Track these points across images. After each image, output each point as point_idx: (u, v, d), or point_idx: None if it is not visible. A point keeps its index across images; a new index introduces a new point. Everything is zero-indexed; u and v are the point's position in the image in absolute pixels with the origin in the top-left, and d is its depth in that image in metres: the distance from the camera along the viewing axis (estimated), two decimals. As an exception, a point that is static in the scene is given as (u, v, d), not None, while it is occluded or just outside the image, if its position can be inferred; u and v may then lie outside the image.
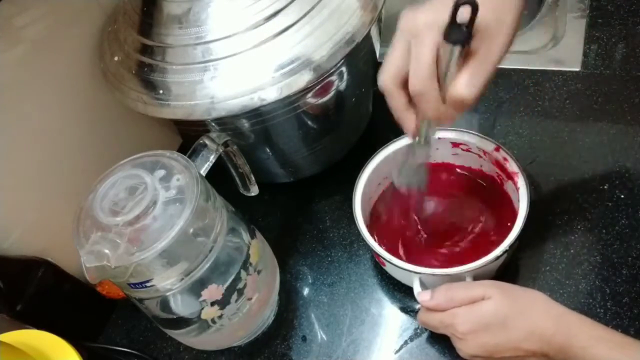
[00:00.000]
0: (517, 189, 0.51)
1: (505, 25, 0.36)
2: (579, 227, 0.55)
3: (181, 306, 0.46)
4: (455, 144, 0.56)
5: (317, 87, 0.51)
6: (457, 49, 0.36)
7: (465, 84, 0.37)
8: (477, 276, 0.48)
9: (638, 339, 0.47)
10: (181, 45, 0.49)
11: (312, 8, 0.49)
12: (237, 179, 0.53)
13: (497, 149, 0.52)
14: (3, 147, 0.50)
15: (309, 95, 0.51)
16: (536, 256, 0.54)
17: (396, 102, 0.42)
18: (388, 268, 0.54)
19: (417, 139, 0.44)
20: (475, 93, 0.38)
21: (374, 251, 0.50)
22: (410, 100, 0.41)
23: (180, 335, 0.50)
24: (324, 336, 0.55)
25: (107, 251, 0.38)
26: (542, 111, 0.65)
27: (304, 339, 0.55)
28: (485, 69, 0.37)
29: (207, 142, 0.46)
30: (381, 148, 0.56)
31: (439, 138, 0.55)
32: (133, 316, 0.60)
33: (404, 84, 0.40)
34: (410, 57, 0.38)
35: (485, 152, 0.54)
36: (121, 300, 0.61)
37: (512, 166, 0.51)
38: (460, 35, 0.35)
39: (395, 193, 0.58)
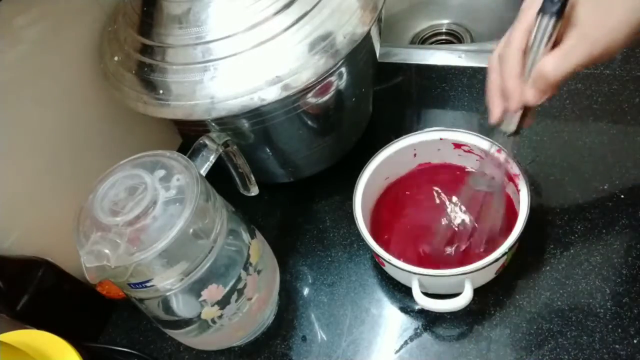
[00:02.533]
0: (518, 191, 0.51)
1: (607, 25, 0.36)
2: (579, 227, 0.55)
3: (181, 306, 0.46)
4: (458, 145, 0.56)
5: (317, 87, 0.51)
6: (549, 25, 0.37)
7: (552, 62, 0.37)
8: (476, 277, 0.49)
9: (638, 338, 0.47)
10: (181, 45, 0.49)
11: (313, 8, 0.49)
12: (237, 179, 0.53)
13: (499, 151, 0.52)
14: (3, 146, 0.50)
15: (309, 95, 0.51)
16: (536, 256, 0.54)
17: (493, 80, 0.42)
18: (387, 268, 0.54)
19: (501, 127, 0.44)
20: (559, 74, 0.38)
21: (374, 251, 0.50)
22: None
23: (180, 335, 0.50)
24: (324, 336, 0.55)
25: (107, 251, 0.38)
26: (542, 111, 0.65)
27: (304, 339, 0.55)
28: (577, 53, 0.37)
29: (207, 142, 0.46)
30: (382, 148, 0.56)
31: (441, 139, 0.55)
32: (133, 316, 0.60)
33: None
34: None
35: (487, 154, 0.54)
36: (121, 300, 0.61)
37: (513, 168, 0.51)
38: (551, 7, 0.36)
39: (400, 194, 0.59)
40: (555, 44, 0.38)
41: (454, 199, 0.57)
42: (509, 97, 0.41)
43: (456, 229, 0.55)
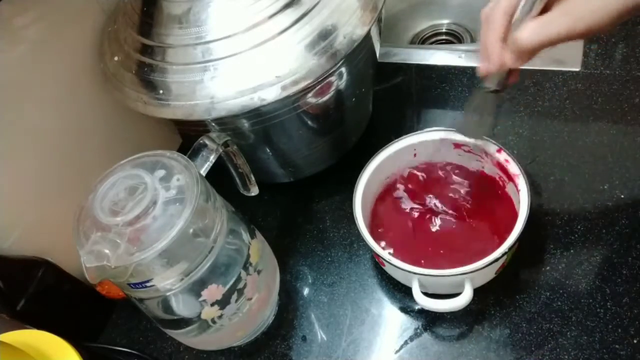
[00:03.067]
0: (518, 190, 0.51)
1: (596, 3, 0.36)
2: (579, 227, 0.55)
3: (181, 306, 0.46)
4: (458, 145, 0.56)
5: (317, 87, 0.51)
6: None
7: (529, 29, 0.38)
8: (476, 277, 0.49)
9: (638, 338, 0.47)
10: (181, 45, 0.49)
11: (312, 8, 0.49)
12: (237, 179, 0.53)
13: (499, 151, 0.52)
14: (3, 146, 0.50)
15: (309, 95, 0.51)
16: (536, 256, 0.54)
17: (485, 33, 0.42)
18: (387, 268, 0.54)
19: (485, 83, 0.45)
20: (533, 43, 0.38)
21: (374, 251, 0.50)
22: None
23: (180, 335, 0.50)
24: (324, 336, 0.55)
25: (107, 251, 0.38)
26: (542, 111, 0.65)
27: (304, 339, 0.55)
28: (555, 26, 0.37)
29: (207, 142, 0.46)
30: (382, 148, 0.56)
31: (441, 139, 0.55)
32: (133, 316, 0.60)
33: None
34: None
35: (487, 154, 0.54)
36: (121, 300, 0.61)
37: (513, 168, 0.51)
38: None
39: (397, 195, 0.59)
40: (545, 11, 0.38)
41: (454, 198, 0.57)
42: (489, 58, 0.42)
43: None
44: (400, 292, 0.56)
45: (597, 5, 0.36)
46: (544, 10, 0.39)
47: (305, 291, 0.59)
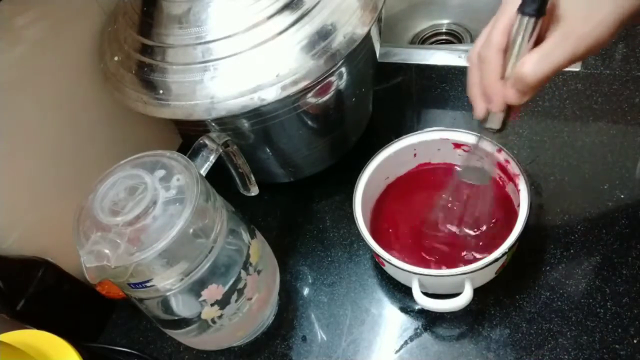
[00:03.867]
0: (518, 191, 0.51)
1: (594, 19, 0.35)
2: (579, 227, 0.55)
3: (181, 306, 0.46)
4: (457, 145, 0.56)
5: (317, 87, 0.51)
6: (529, 24, 0.36)
7: (532, 62, 0.36)
8: (476, 277, 0.49)
9: (638, 338, 0.47)
10: (181, 45, 0.49)
11: (312, 8, 0.49)
12: (237, 179, 0.53)
13: (499, 151, 0.52)
14: (3, 146, 0.50)
15: (309, 95, 0.51)
16: (536, 256, 0.54)
17: (473, 77, 0.41)
18: (387, 268, 0.54)
19: (486, 124, 0.44)
20: (539, 76, 0.36)
21: (374, 251, 0.50)
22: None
23: (180, 335, 0.50)
24: (324, 336, 0.55)
25: (107, 251, 0.38)
26: (542, 111, 0.65)
27: (304, 339, 0.55)
28: (558, 53, 0.36)
29: (207, 142, 0.46)
30: (382, 148, 0.56)
31: (441, 139, 0.55)
32: (133, 316, 0.60)
33: None
34: None
35: (487, 154, 0.54)
36: (121, 300, 0.61)
37: (513, 168, 0.51)
38: (530, 7, 0.35)
39: (399, 194, 0.59)
40: (540, 39, 0.37)
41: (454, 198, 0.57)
42: (491, 99, 0.40)
43: (455, 230, 0.55)
44: (400, 292, 0.56)
45: (596, 21, 0.35)
46: (538, 40, 0.37)
47: (305, 291, 0.59)
